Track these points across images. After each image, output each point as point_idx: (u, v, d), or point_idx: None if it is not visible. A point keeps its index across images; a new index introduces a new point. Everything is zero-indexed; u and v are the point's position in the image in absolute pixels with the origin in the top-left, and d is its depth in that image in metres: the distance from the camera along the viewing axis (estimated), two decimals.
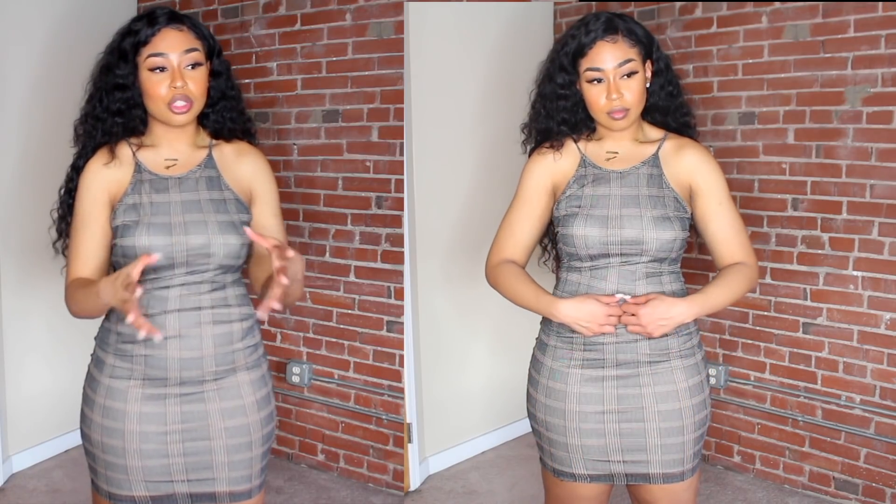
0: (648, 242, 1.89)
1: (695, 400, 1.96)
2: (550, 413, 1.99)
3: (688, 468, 1.96)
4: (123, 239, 1.82)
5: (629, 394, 1.93)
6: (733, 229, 1.96)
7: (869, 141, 3.01)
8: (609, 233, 1.90)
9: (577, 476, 1.98)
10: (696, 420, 1.96)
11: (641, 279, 1.91)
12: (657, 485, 1.96)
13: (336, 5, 3.32)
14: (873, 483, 3.12)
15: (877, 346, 3.07)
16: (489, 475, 3.58)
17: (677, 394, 1.94)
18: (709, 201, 1.94)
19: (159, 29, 1.81)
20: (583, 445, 1.96)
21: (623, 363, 1.93)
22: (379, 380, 3.39)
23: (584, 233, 1.91)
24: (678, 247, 1.93)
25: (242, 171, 1.93)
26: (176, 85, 1.80)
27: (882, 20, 2.94)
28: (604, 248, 1.91)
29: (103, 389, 1.86)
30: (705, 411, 2.00)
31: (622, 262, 1.91)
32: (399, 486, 3.38)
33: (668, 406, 1.93)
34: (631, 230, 1.90)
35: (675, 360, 1.94)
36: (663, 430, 1.93)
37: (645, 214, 1.90)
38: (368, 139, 3.31)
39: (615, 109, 1.90)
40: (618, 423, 1.94)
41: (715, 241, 1.97)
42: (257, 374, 1.93)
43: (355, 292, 3.41)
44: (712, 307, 1.92)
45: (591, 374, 1.94)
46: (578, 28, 1.94)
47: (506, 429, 3.89)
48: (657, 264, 1.92)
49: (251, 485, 1.92)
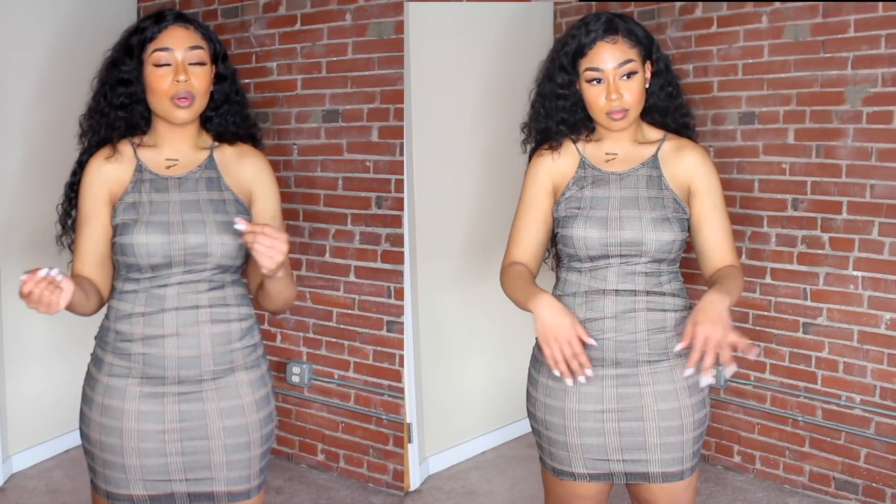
0: (648, 244, 1.90)
1: (694, 399, 1.95)
2: (550, 412, 1.99)
3: (687, 467, 1.96)
4: (122, 237, 1.82)
5: (628, 393, 1.93)
6: (725, 233, 1.96)
7: (869, 141, 3.01)
8: (609, 234, 1.90)
9: (577, 475, 1.98)
10: (695, 419, 1.96)
11: (641, 278, 1.91)
12: (657, 484, 1.96)
13: (336, 5, 3.32)
14: (873, 483, 3.12)
15: (877, 346, 3.07)
16: (489, 475, 3.58)
17: (676, 393, 1.93)
18: (704, 204, 1.94)
19: (166, 26, 1.84)
20: (582, 444, 1.96)
21: (622, 362, 1.93)
22: (379, 380, 3.39)
23: (584, 234, 1.91)
24: (677, 248, 1.93)
25: (243, 172, 1.93)
26: (179, 79, 1.81)
27: (882, 20, 2.94)
28: (603, 250, 1.91)
29: (102, 388, 1.86)
30: (704, 410, 1.99)
31: (621, 263, 1.92)
32: (399, 486, 3.38)
33: (668, 405, 1.93)
34: (630, 232, 1.90)
35: (674, 359, 1.94)
36: (663, 429, 1.93)
37: (644, 216, 1.90)
38: (368, 139, 3.31)
39: (614, 110, 1.90)
40: (617, 423, 1.94)
41: (707, 244, 1.96)
42: (256, 374, 1.93)
43: (355, 292, 3.41)
44: (734, 300, 1.87)
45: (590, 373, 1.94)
46: (578, 28, 1.94)
47: (506, 429, 3.89)
48: (656, 264, 1.92)
49: (250, 485, 1.91)
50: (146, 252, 1.80)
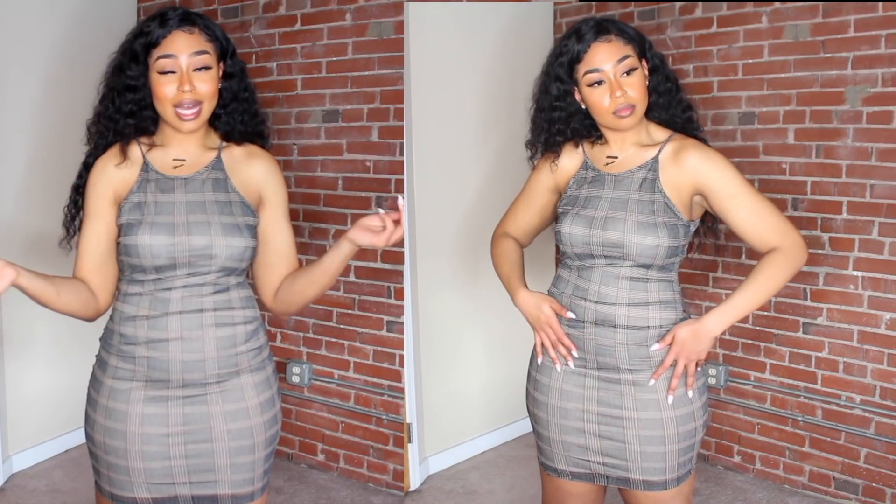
0: (629, 247, 1.87)
1: (679, 411, 1.91)
2: (537, 407, 2.03)
3: (671, 478, 1.92)
4: (126, 237, 1.81)
5: (609, 398, 1.92)
6: (757, 216, 1.89)
7: (869, 141, 3.01)
8: (591, 233, 1.90)
9: (560, 472, 2.01)
10: (679, 431, 1.91)
11: (625, 282, 1.89)
12: (641, 491, 1.95)
13: (336, 5, 3.32)
14: (873, 483, 3.12)
15: (877, 346, 3.07)
16: (489, 475, 3.58)
17: (659, 403, 1.90)
18: (721, 197, 1.89)
19: (170, 31, 1.80)
20: (563, 441, 1.98)
21: (604, 366, 1.92)
22: (379, 380, 3.39)
23: (570, 231, 1.93)
24: (663, 254, 1.87)
25: (251, 174, 1.92)
26: (184, 89, 1.79)
27: (882, 20, 2.93)
28: (587, 248, 1.91)
29: (106, 390, 1.85)
30: (693, 423, 1.93)
31: (607, 264, 1.91)
32: (399, 486, 3.38)
33: (649, 414, 1.90)
34: (613, 233, 1.88)
35: (659, 371, 1.90)
36: (643, 437, 1.90)
37: (629, 218, 1.88)
38: (368, 139, 3.31)
39: (621, 107, 1.88)
40: (597, 425, 1.94)
41: (742, 233, 1.90)
42: (261, 376, 1.92)
43: (355, 292, 3.41)
44: (743, 311, 1.87)
45: (574, 371, 1.95)
46: (569, 37, 1.92)
47: (505, 429, 3.89)
48: (643, 270, 1.89)
49: (253, 487, 1.91)
50: (150, 253, 1.79)
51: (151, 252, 1.79)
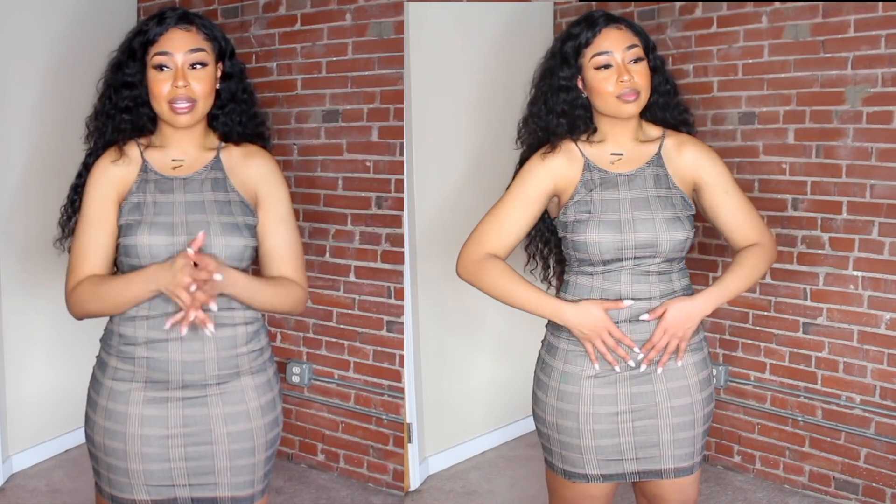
0: (662, 244, 1.90)
1: (704, 394, 1.99)
2: (562, 416, 1.97)
3: (697, 461, 2.00)
4: (126, 238, 1.81)
5: (642, 391, 1.95)
6: (743, 213, 1.99)
7: (869, 141, 3.01)
8: (623, 238, 1.90)
9: (590, 477, 1.98)
10: (704, 413, 2.00)
11: (654, 277, 1.92)
12: (667, 479, 1.98)
13: (336, 5, 3.32)
14: (873, 483, 3.12)
15: (877, 346, 3.07)
16: (489, 475, 3.58)
17: (689, 388, 1.96)
18: (715, 192, 1.97)
19: (167, 28, 1.82)
20: (596, 446, 1.96)
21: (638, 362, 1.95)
22: (379, 380, 3.39)
23: (598, 239, 1.90)
24: (688, 245, 1.95)
25: (250, 173, 1.92)
26: (178, 84, 1.80)
27: (882, 20, 2.93)
28: (618, 253, 1.90)
29: (106, 391, 1.85)
30: (712, 404, 2.03)
31: (635, 265, 1.92)
32: (399, 486, 3.38)
33: (681, 401, 1.96)
34: (645, 233, 1.90)
35: (686, 356, 1.97)
36: (675, 425, 1.96)
37: (657, 217, 1.90)
38: (368, 139, 3.31)
39: (626, 92, 1.89)
40: (631, 423, 1.95)
41: (728, 228, 2.00)
42: (262, 378, 1.92)
43: (355, 292, 3.41)
44: (731, 293, 1.95)
45: (603, 375, 1.95)
46: (579, 23, 1.95)
47: (506, 429, 3.89)
48: (668, 264, 1.94)
49: (253, 490, 1.91)
50: (149, 253, 1.79)
51: (151, 252, 1.79)
